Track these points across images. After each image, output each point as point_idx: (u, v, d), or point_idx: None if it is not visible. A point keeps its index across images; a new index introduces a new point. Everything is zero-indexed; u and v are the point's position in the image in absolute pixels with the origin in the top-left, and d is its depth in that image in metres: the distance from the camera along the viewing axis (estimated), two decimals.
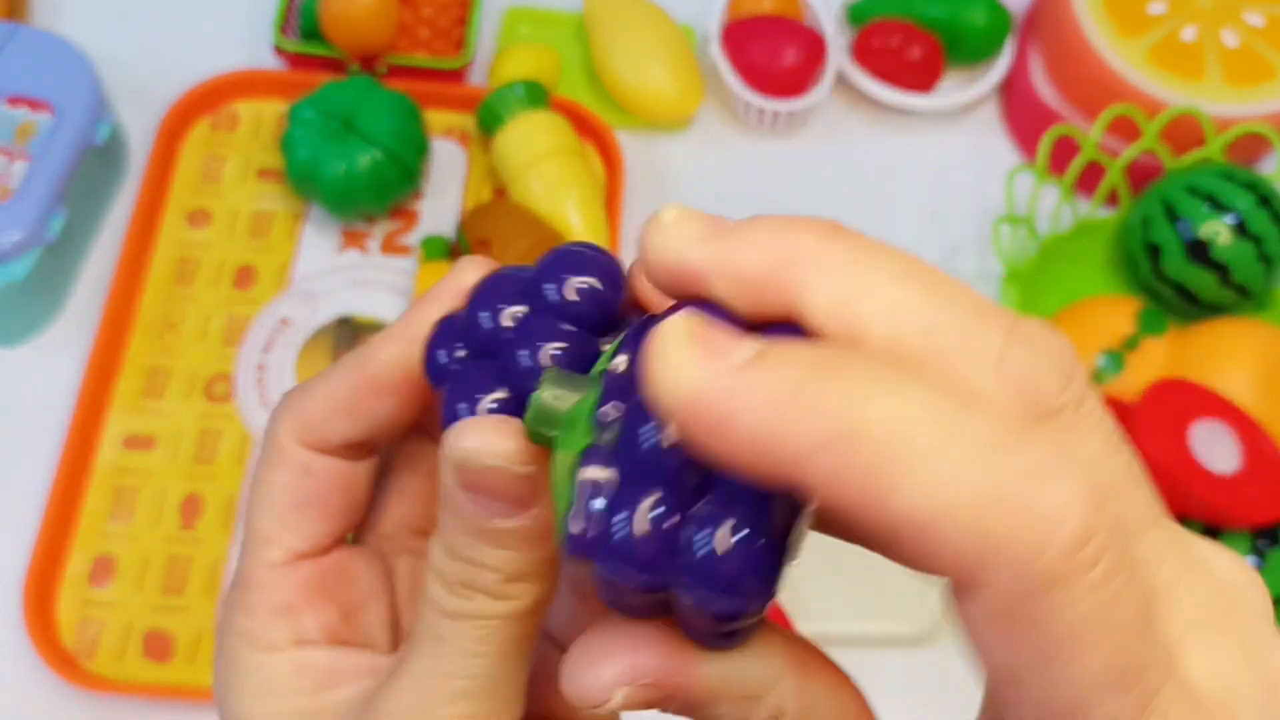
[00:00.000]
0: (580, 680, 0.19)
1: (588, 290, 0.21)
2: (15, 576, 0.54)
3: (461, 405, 0.21)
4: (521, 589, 0.21)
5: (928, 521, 0.15)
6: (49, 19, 0.71)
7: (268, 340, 0.62)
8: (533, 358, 0.20)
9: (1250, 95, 0.66)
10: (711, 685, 0.19)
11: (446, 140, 0.68)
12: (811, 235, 0.18)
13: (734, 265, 0.18)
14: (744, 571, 0.17)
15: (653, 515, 0.17)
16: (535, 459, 0.20)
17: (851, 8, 0.73)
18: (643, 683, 0.19)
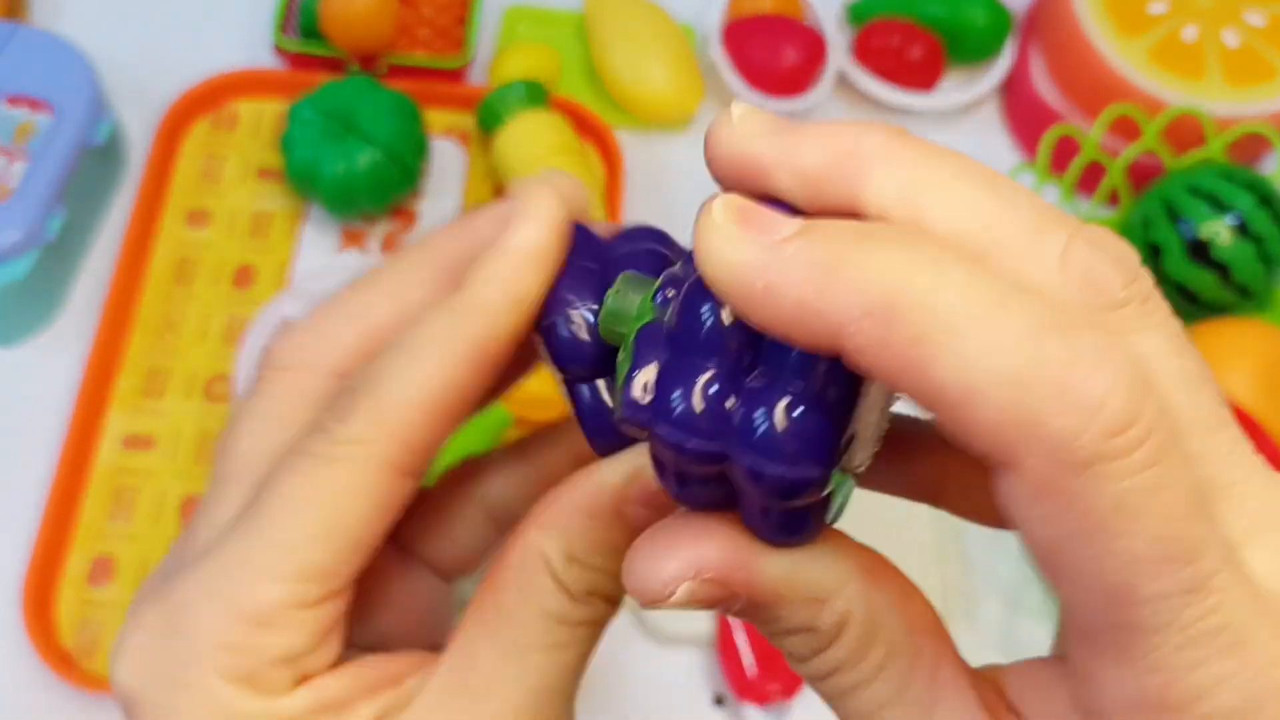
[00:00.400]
0: (643, 574, 0.18)
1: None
2: (14, 576, 0.54)
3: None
4: (620, 589, 0.21)
5: (965, 395, 0.15)
6: (48, 19, 0.71)
7: (268, 340, 0.61)
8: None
9: (1251, 95, 0.66)
10: (777, 584, 0.18)
11: (446, 140, 0.68)
12: (877, 133, 0.18)
13: (798, 158, 0.18)
14: (797, 438, 0.17)
15: (708, 387, 0.17)
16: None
17: (852, 7, 0.73)
18: (706, 577, 0.18)
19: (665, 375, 0.18)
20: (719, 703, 0.54)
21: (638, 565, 0.18)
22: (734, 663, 0.53)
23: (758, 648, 0.53)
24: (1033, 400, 0.15)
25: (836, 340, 0.16)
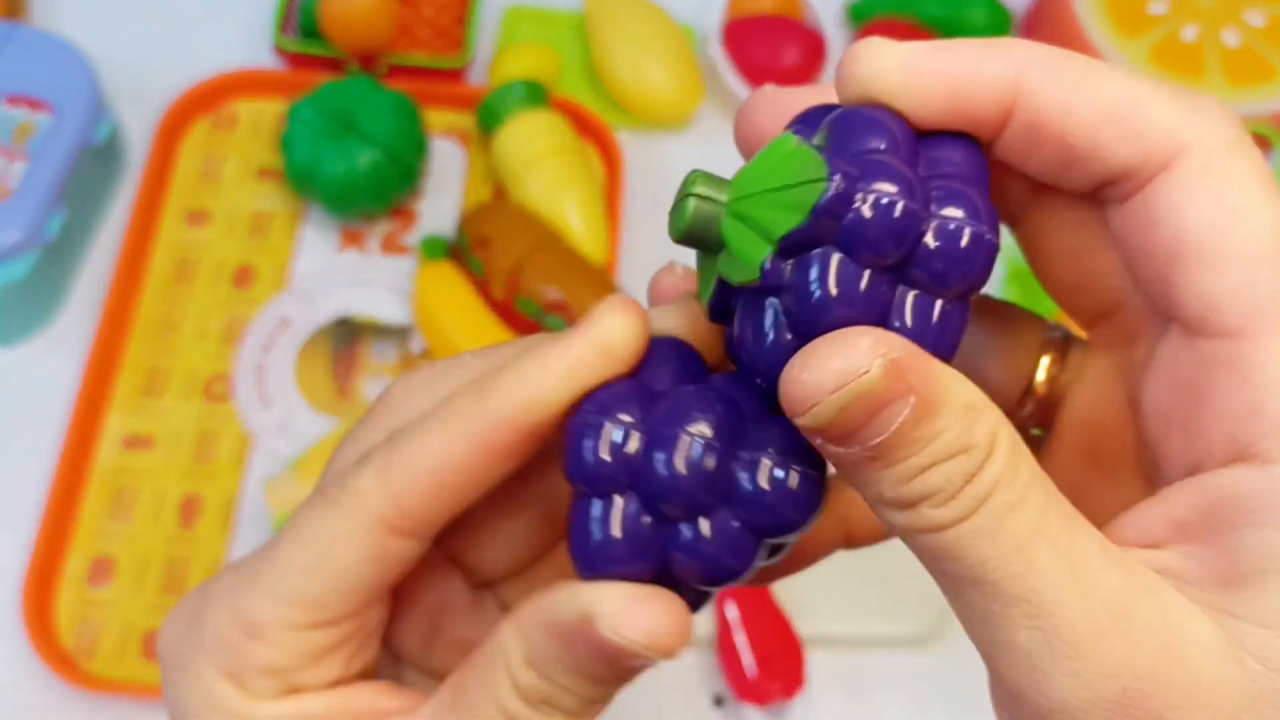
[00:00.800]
0: (830, 357, 0.17)
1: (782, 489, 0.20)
2: (14, 576, 0.54)
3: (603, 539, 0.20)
4: (595, 710, 0.21)
5: (1138, 101, 0.19)
6: (48, 19, 0.71)
7: (267, 340, 0.61)
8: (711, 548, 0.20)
9: (1251, 95, 0.66)
10: (944, 383, 0.18)
11: (446, 140, 0.68)
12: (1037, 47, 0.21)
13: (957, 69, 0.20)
14: (984, 218, 0.19)
15: (906, 181, 0.19)
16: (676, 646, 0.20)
17: (852, 7, 0.73)
18: (894, 358, 0.17)
19: (864, 163, 0.19)
20: (718, 703, 0.54)
21: (818, 354, 0.18)
22: (733, 663, 0.53)
23: (757, 649, 0.53)
24: (1188, 105, 0.19)
25: (1015, 83, 0.19)
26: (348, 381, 0.61)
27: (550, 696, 0.20)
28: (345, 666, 0.22)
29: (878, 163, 0.19)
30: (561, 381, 0.21)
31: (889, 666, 0.56)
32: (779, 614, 0.54)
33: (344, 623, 0.22)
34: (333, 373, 0.61)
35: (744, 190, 0.19)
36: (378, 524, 0.21)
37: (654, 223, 0.67)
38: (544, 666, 0.20)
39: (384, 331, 0.62)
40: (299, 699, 0.22)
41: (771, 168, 0.19)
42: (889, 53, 0.19)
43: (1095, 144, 0.19)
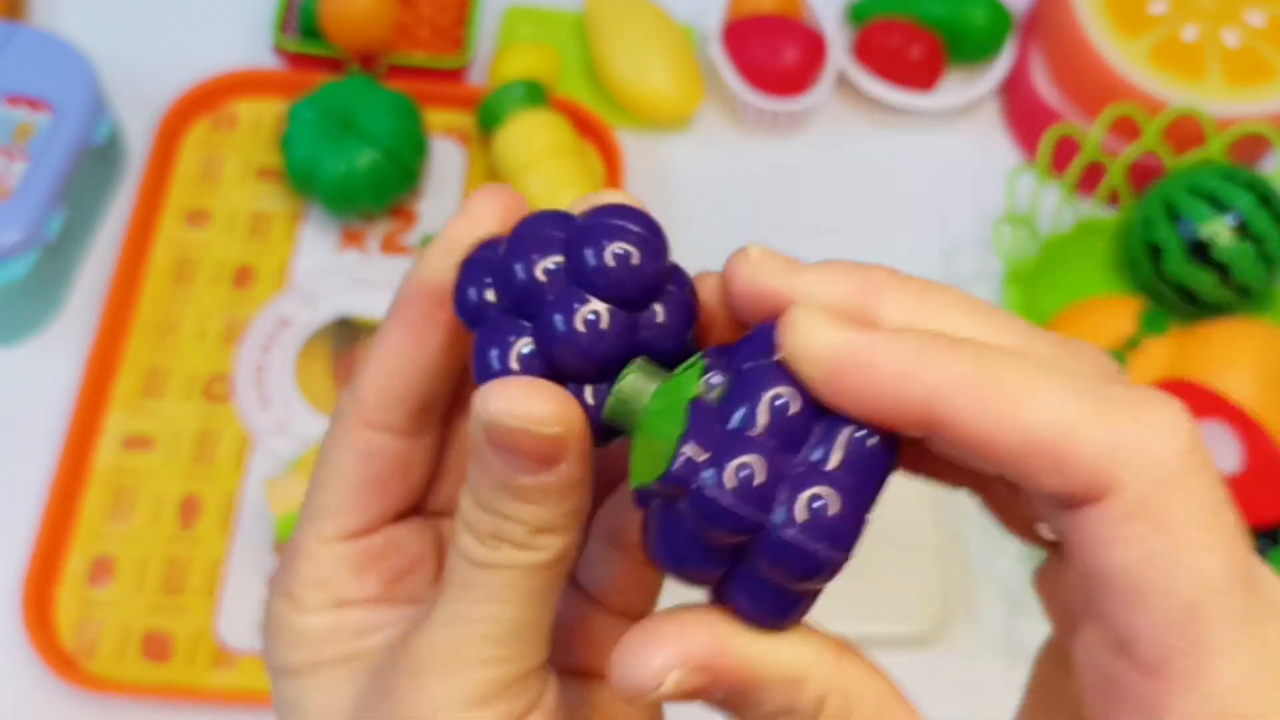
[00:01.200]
0: (631, 668, 0.20)
1: (625, 260, 0.21)
2: (14, 576, 0.54)
3: (492, 353, 0.21)
4: (547, 540, 0.22)
5: (1065, 431, 0.18)
6: (48, 19, 0.71)
7: (267, 340, 0.61)
8: (566, 323, 0.21)
9: (1251, 95, 0.66)
10: (758, 666, 0.20)
11: (446, 140, 0.68)
12: (882, 270, 0.21)
13: (815, 291, 0.21)
14: (841, 520, 0.19)
15: (766, 462, 0.19)
16: (561, 420, 0.20)
17: (852, 7, 0.73)
18: (692, 665, 0.19)
19: (723, 446, 0.19)
20: None
21: (624, 660, 0.20)
22: None
23: None
24: (1123, 424, 0.18)
25: (931, 407, 0.18)
26: (348, 381, 0.61)
27: (497, 529, 0.22)
28: (386, 587, 0.25)
29: (739, 444, 0.19)
30: (444, 248, 0.23)
31: (889, 666, 0.56)
32: None
33: (370, 534, 0.25)
34: (333, 373, 0.61)
35: (647, 416, 0.21)
36: (354, 422, 0.24)
37: None
38: (482, 497, 0.22)
39: None
40: (341, 611, 0.24)
41: (667, 408, 0.20)
42: (821, 338, 0.19)
43: (1021, 474, 0.19)
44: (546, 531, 0.22)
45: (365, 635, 0.24)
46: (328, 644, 0.24)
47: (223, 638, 0.54)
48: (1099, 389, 0.18)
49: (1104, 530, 0.18)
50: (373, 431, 0.24)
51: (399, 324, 0.24)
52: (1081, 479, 0.18)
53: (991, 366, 0.18)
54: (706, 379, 0.20)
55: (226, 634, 0.54)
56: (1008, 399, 0.18)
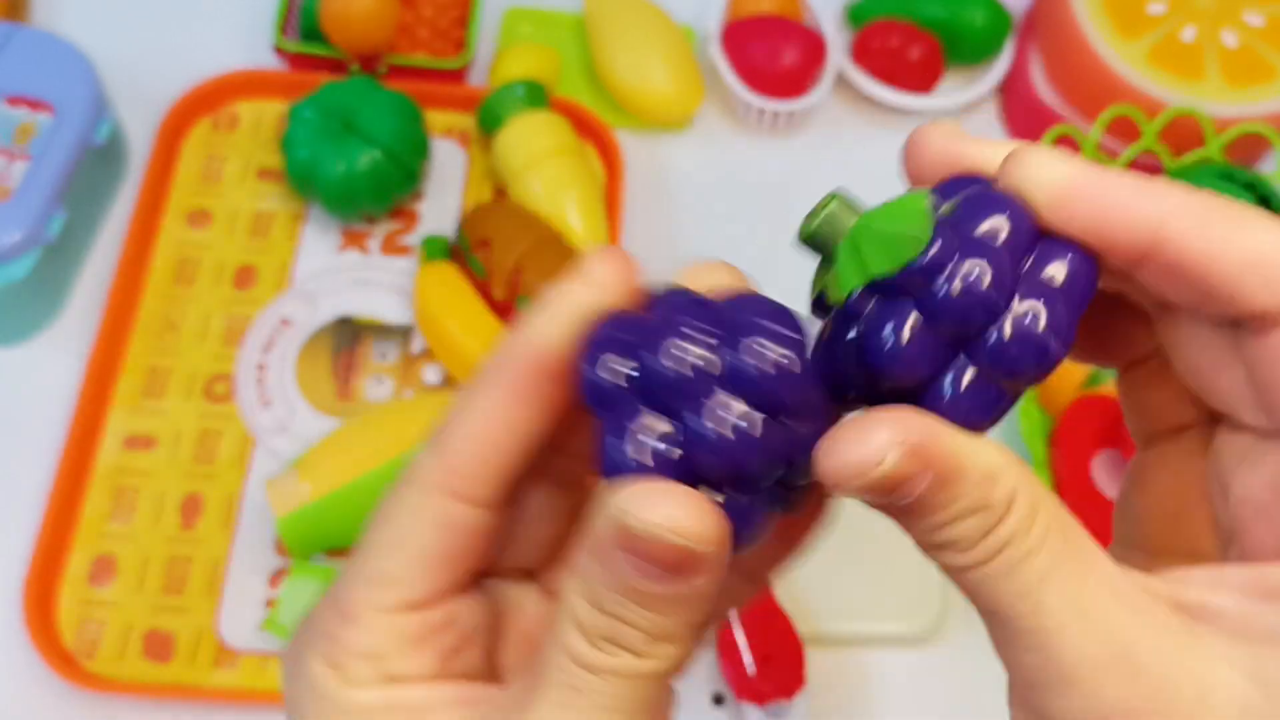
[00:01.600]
0: (851, 447, 0.20)
1: (784, 368, 0.21)
2: (15, 576, 0.54)
3: (625, 446, 0.20)
4: (665, 650, 0.21)
5: (1272, 253, 0.20)
6: (49, 19, 0.71)
7: (268, 340, 0.62)
8: (719, 429, 0.20)
9: (1250, 95, 0.66)
10: (962, 458, 0.20)
11: (447, 140, 0.68)
12: (1184, 194, 0.22)
13: (1003, 155, 0.22)
14: (1066, 319, 0.21)
15: (1003, 265, 0.20)
16: (710, 538, 0.20)
17: (851, 8, 0.73)
18: (909, 446, 0.20)
19: (968, 246, 0.20)
20: (718, 702, 0.54)
21: (843, 441, 0.20)
22: (734, 662, 0.53)
23: (757, 648, 0.53)
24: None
25: (1157, 229, 0.21)
26: (348, 382, 0.61)
27: (613, 632, 0.21)
28: (442, 662, 0.23)
29: (981, 246, 0.20)
30: (560, 317, 0.22)
31: (888, 666, 0.56)
32: (779, 613, 0.54)
33: (431, 607, 0.23)
34: (333, 373, 0.61)
35: (867, 224, 0.21)
36: (437, 491, 0.23)
37: (654, 223, 0.67)
38: (599, 597, 0.21)
39: (385, 332, 0.62)
40: (396, 687, 0.23)
41: (897, 214, 0.21)
42: (1053, 168, 0.21)
43: (1236, 290, 0.21)
44: (665, 640, 0.21)
45: (422, 715, 0.22)
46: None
47: (224, 637, 0.54)
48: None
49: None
50: (458, 502, 0.23)
51: (501, 391, 0.23)
52: (1274, 300, 0.20)
53: (1208, 200, 0.21)
54: (933, 201, 0.21)
55: (228, 633, 0.54)
56: (1229, 223, 0.21)
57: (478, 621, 0.24)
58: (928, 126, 0.23)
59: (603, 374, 0.21)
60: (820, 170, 0.70)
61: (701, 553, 0.20)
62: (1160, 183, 0.21)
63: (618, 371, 0.21)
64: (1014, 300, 0.21)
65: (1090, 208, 0.21)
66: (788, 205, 0.70)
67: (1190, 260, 0.21)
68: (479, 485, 0.23)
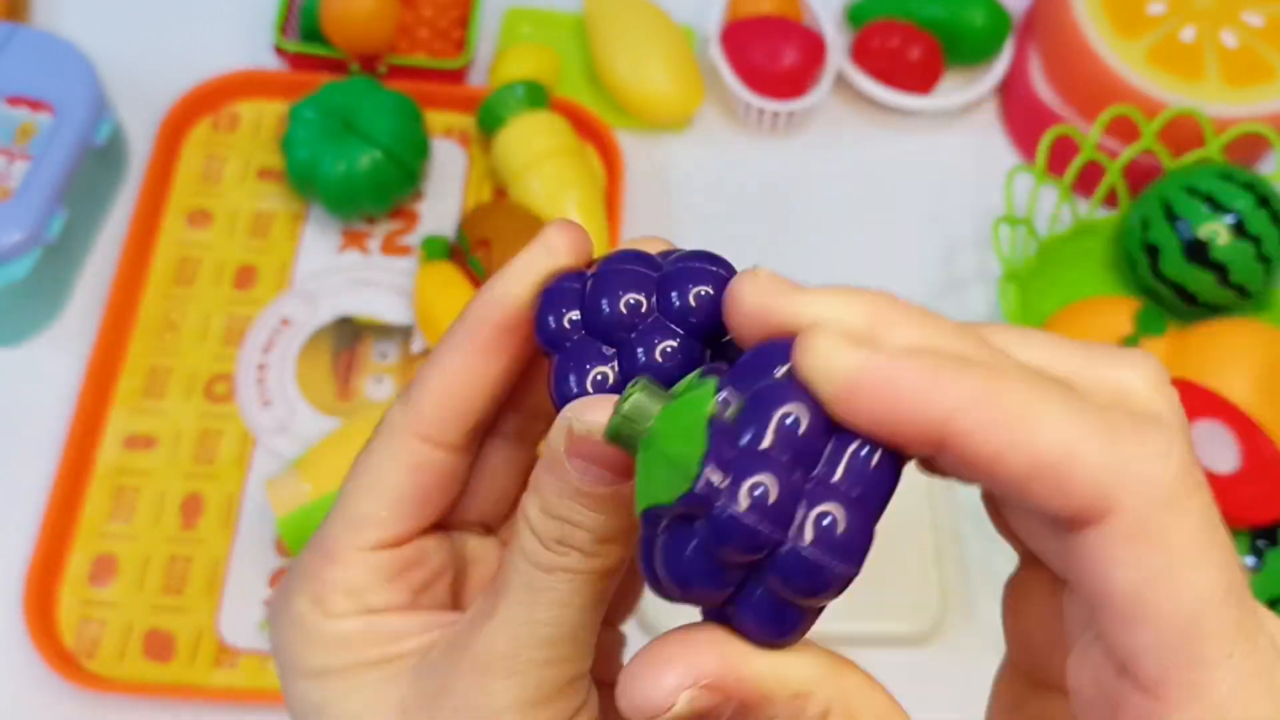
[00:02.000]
0: (643, 689, 0.20)
1: (707, 300, 0.23)
2: (16, 576, 0.54)
3: (573, 376, 0.23)
4: (609, 549, 0.23)
5: (1068, 453, 0.18)
6: (49, 19, 0.71)
7: (268, 340, 0.62)
8: (648, 354, 0.23)
9: (1249, 95, 0.66)
10: (766, 682, 0.20)
11: (447, 140, 0.68)
12: (886, 296, 0.21)
13: (823, 313, 0.21)
14: (855, 537, 0.20)
15: (782, 481, 0.19)
16: None
17: (851, 8, 0.73)
18: (704, 684, 0.20)
19: (743, 464, 0.20)
20: None
21: (636, 682, 0.20)
22: None
23: None
24: (1126, 449, 0.18)
25: (942, 427, 0.19)
26: (349, 381, 0.61)
27: (563, 535, 0.23)
28: (413, 595, 0.25)
29: (762, 462, 0.19)
30: (518, 276, 0.25)
31: (888, 666, 0.56)
32: None
33: (406, 544, 0.25)
34: (334, 373, 0.61)
35: (656, 439, 0.21)
36: (409, 436, 0.25)
37: (654, 223, 0.67)
38: (551, 504, 0.23)
39: (385, 331, 0.62)
40: (373, 617, 0.25)
41: (682, 426, 0.20)
42: (839, 358, 0.19)
43: (1025, 495, 0.19)
44: (609, 540, 0.23)
45: (398, 640, 0.25)
46: (361, 648, 0.24)
47: (224, 637, 0.54)
48: (1100, 411, 0.19)
49: (1105, 551, 0.19)
50: (427, 446, 0.25)
51: (468, 344, 0.25)
52: (1083, 500, 0.19)
53: (999, 386, 0.19)
54: (720, 397, 0.20)
55: (228, 633, 0.55)
56: (1014, 420, 0.19)
57: (445, 560, 0.26)
58: (746, 276, 0.22)
59: (553, 319, 0.24)
60: (819, 171, 0.70)
61: None
62: (953, 367, 0.19)
63: (566, 315, 0.24)
64: (804, 511, 0.19)
65: (874, 403, 0.19)
66: (787, 205, 0.70)
67: (978, 462, 0.19)
68: (447, 430, 0.25)
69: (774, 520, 0.19)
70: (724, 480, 0.19)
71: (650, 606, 0.55)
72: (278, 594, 0.26)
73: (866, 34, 0.71)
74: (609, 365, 0.23)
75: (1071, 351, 0.21)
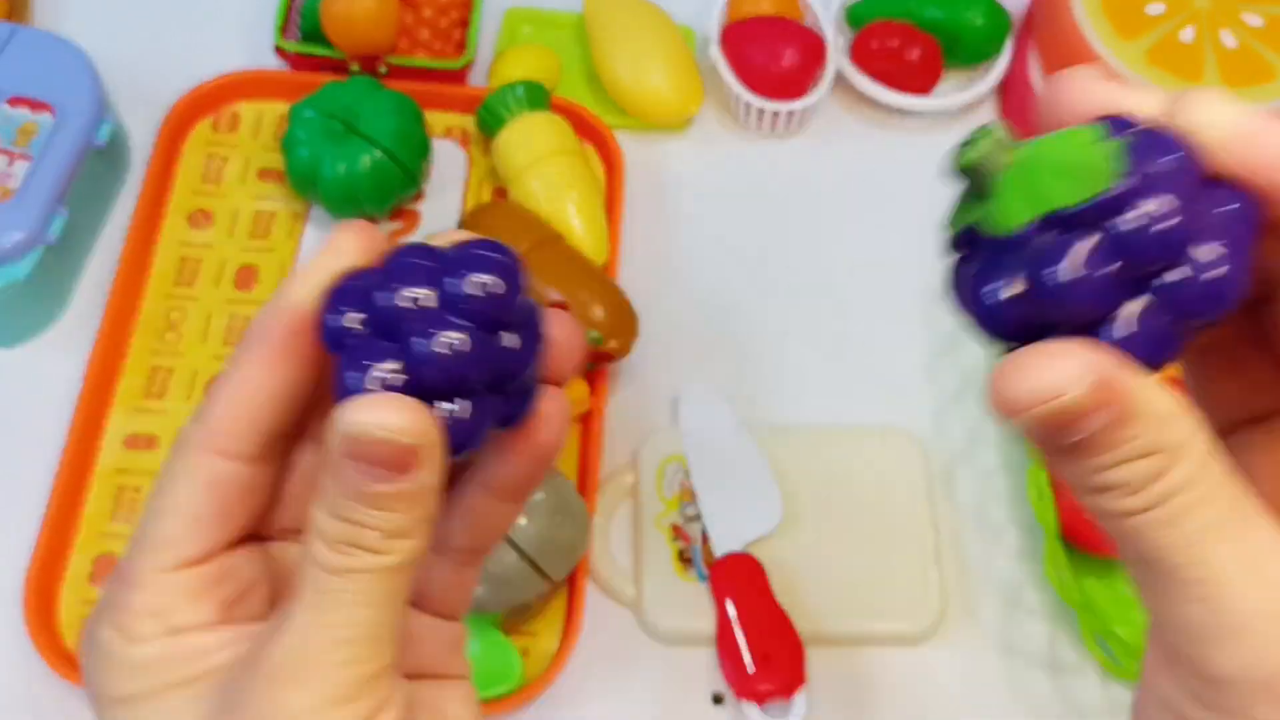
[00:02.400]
0: (1034, 375, 0.20)
1: (489, 288, 0.23)
2: (16, 576, 0.54)
3: (354, 375, 0.23)
4: (400, 544, 0.23)
5: None
6: (50, 19, 0.71)
7: None
8: (427, 343, 0.22)
9: (1249, 96, 0.66)
10: (1140, 397, 0.20)
11: (447, 141, 0.68)
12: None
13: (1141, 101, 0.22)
14: (1238, 272, 0.21)
15: (1183, 204, 0.20)
16: (415, 431, 0.22)
17: (850, 9, 0.73)
18: (1097, 378, 0.19)
19: (1157, 180, 0.20)
20: (718, 701, 0.54)
21: (1023, 371, 0.20)
22: (733, 661, 0.53)
23: (757, 647, 0.53)
24: None
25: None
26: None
27: (350, 536, 0.23)
28: (224, 611, 0.25)
29: (1167, 181, 0.20)
30: (305, 280, 0.24)
31: (888, 665, 0.56)
32: (779, 612, 0.54)
33: (210, 561, 0.25)
34: None
35: (1035, 157, 0.21)
36: (203, 451, 0.25)
37: (654, 223, 0.67)
38: (335, 507, 0.23)
39: None
40: (177, 638, 0.24)
41: (1069, 149, 0.21)
42: (1226, 110, 0.21)
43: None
44: (399, 536, 0.23)
45: (204, 657, 0.24)
46: (164, 670, 0.24)
47: None
48: None
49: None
50: (221, 460, 0.25)
51: (256, 353, 0.25)
52: None
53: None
54: (1104, 134, 0.21)
55: None
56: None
57: (257, 572, 0.26)
58: (1069, 70, 0.23)
59: (335, 318, 0.23)
60: (819, 171, 0.70)
61: (413, 445, 0.22)
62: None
63: (348, 314, 0.23)
64: (1193, 241, 0.20)
65: (1264, 151, 0.21)
66: (787, 206, 0.70)
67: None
68: (241, 441, 0.25)
69: (1185, 232, 0.20)
70: (1143, 186, 0.20)
71: (605, 567, 0.55)
72: (86, 625, 0.26)
73: (866, 35, 0.71)
74: (390, 360, 0.23)
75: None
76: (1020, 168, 0.21)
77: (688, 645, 0.55)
